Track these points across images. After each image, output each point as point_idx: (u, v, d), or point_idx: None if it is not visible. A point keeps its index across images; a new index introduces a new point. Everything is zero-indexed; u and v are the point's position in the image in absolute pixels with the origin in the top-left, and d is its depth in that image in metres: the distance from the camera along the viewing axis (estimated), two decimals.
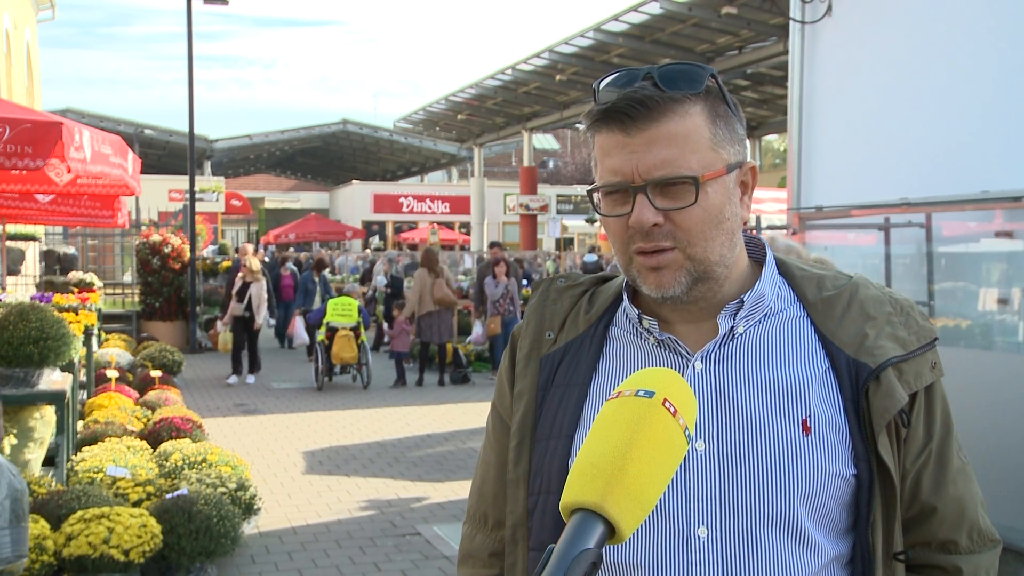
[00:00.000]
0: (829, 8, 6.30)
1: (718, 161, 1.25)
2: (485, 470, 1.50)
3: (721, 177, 1.26)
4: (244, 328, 12.67)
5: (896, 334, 1.30)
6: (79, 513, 4.68)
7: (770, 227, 10.49)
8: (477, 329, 13.69)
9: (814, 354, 1.30)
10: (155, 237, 15.70)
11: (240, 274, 12.59)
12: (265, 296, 12.93)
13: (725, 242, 1.27)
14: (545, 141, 48.10)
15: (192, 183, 15.80)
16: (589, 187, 1.31)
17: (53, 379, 5.46)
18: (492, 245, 15.14)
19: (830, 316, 1.32)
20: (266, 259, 20.83)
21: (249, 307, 12.50)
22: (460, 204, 37.92)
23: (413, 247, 31.62)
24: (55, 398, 5.20)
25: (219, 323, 13.50)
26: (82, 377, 8.01)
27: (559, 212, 32.65)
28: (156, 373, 9.77)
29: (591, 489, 0.94)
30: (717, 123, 1.26)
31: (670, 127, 1.22)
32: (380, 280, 16.43)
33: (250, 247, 14.06)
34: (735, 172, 1.29)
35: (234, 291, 12.56)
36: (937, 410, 1.32)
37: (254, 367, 13.03)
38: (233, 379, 12.74)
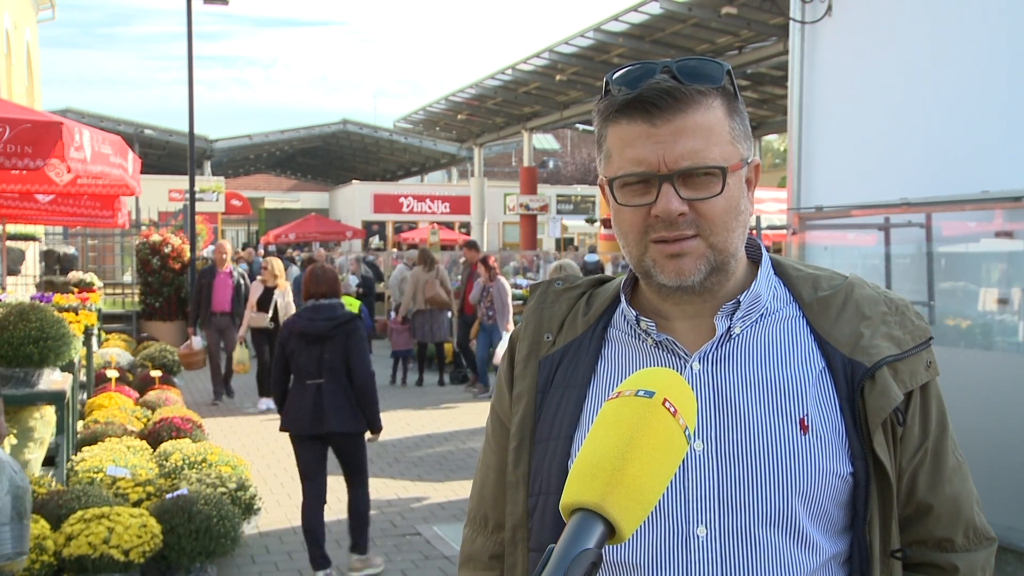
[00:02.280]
0: (829, 8, 6.29)
1: (736, 155, 1.27)
2: (485, 472, 1.50)
3: (739, 170, 1.28)
4: (268, 342, 10.46)
5: (891, 333, 1.31)
6: (79, 513, 4.68)
7: (771, 227, 10.50)
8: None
9: (810, 354, 1.31)
10: (155, 237, 15.69)
11: (261, 278, 10.61)
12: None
13: (740, 234, 1.29)
14: (545, 141, 48.08)
15: (192, 183, 15.79)
16: (610, 177, 1.29)
17: (53, 379, 5.46)
18: (466, 246, 13.45)
19: (825, 316, 1.32)
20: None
21: (275, 318, 10.39)
22: (460, 204, 37.89)
23: (413, 247, 31.62)
24: (55, 398, 5.20)
25: (194, 339, 11.03)
26: (82, 377, 8.01)
27: (559, 212, 32.62)
28: (156, 373, 9.77)
29: (591, 489, 0.94)
30: (734, 117, 1.27)
31: (696, 118, 1.23)
32: (352, 280, 14.97)
33: (228, 244, 11.56)
34: (746, 167, 1.30)
35: (254, 299, 10.50)
36: (932, 409, 1.33)
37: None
38: (264, 403, 10.57)
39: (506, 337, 9.91)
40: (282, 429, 5.39)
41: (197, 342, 11.02)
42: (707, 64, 1.27)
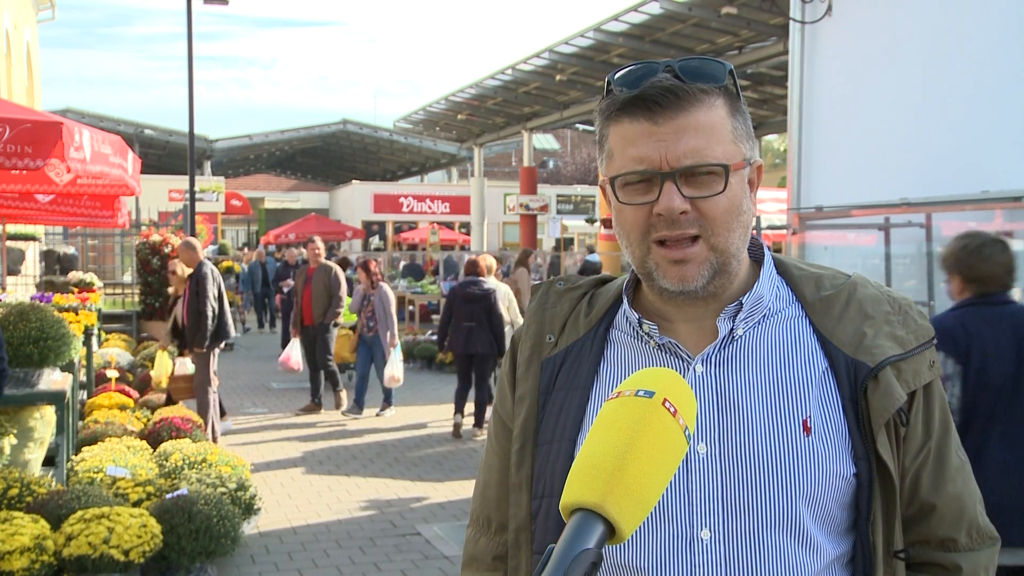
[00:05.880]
0: (829, 8, 6.29)
1: (738, 154, 1.26)
2: (488, 474, 1.50)
3: (741, 170, 1.27)
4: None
5: (894, 333, 1.30)
6: (79, 513, 4.67)
7: (771, 227, 10.49)
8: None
9: (813, 354, 1.30)
10: (155, 237, 15.67)
11: (171, 288, 9.08)
12: (211, 312, 8.20)
13: (742, 235, 1.29)
14: (545, 141, 48.09)
15: (192, 183, 15.79)
16: (611, 176, 1.28)
17: (53, 379, 5.46)
18: (309, 240, 11.14)
19: (829, 316, 1.32)
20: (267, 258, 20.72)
21: (178, 331, 8.78)
22: (460, 204, 37.89)
23: (413, 247, 31.61)
24: (55, 398, 5.20)
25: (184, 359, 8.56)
26: (82, 377, 8.01)
27: (559, 212, 32.62)
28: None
29: (591, 489, 0.94)
30: (736, 117, 1.27)
31: (698, 117, 1.23)
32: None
33: (196, 241, 8.86)
34: (748, 168, 1.30)
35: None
36: (936, 408, 1.32)
37: (221, 413, 8.99)
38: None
39: (395, 354, 9.55)
40: (447, 350, 9.46)
41: (187, 364, 8.51)
42: (709, 64, 1.26)
